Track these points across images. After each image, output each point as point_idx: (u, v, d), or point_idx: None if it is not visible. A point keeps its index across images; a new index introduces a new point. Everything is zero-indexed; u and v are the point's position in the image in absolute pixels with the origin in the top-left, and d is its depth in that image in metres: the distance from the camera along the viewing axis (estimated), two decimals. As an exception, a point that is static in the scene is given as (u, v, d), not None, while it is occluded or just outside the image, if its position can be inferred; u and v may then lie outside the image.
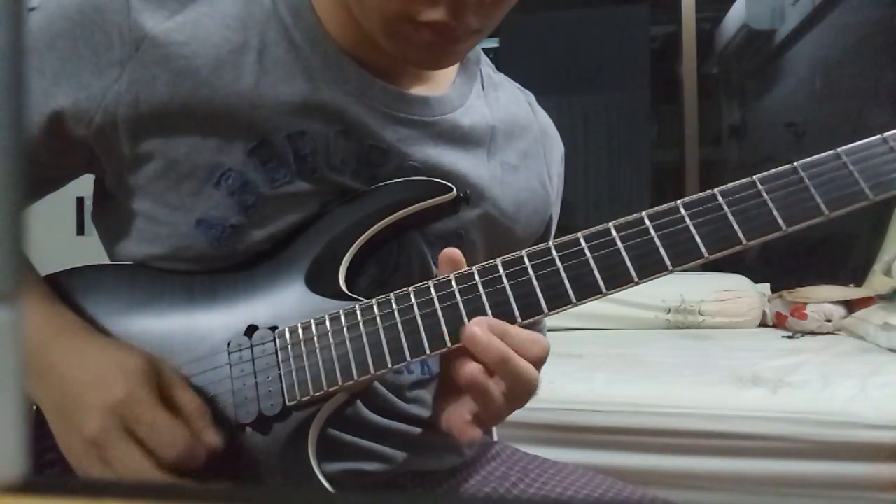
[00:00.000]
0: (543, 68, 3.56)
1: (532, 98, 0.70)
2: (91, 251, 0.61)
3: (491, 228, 0.60)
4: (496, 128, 0.62)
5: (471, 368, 0.45)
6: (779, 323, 2.18)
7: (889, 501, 1.24)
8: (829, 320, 2.03)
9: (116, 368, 0.47)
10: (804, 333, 2.03)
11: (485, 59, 0.67)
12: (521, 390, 0.46)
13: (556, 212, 0.70)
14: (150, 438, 0.44)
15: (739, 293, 2.21)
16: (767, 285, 2.39)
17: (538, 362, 0.47)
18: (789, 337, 2.01)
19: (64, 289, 0.55)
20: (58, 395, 0.47)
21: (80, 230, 2.24)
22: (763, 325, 2.25)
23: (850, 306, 2.05)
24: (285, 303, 0.52)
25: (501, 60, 3.38)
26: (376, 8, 0.48)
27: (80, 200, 2.21)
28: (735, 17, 3.46)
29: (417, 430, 0.59)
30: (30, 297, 0.52)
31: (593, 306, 2.12)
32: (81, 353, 0.49)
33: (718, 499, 1.33)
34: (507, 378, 0.45)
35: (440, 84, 0.60)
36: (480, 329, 0.44)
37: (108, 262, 0.60)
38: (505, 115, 0.64)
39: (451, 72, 0.62)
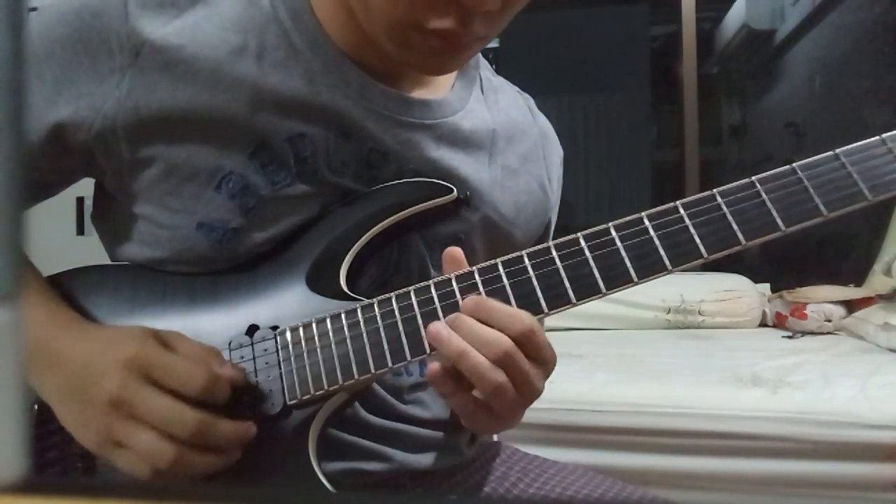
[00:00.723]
0: (543, 68, 3.56)
1: (531, 101, 0.70)
2: (91, 251, 0.61)
3: (491, 232, 0.60)
4: (496, 131, 0.62)
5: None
6: (779, 323, 2.18)
7: (889, 501, 1.24)
8: (829, 320, 2.03)
9: (121, 335, 0.47)
10: (804, 333, 2.03)
11: (484, 63, 0.67)
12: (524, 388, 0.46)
13: (554, 215, 0.70)
14: (171, 377, 0.45)
15: (739, 293, 2.21)
16: (767, 285, 2.39)
17: (524, 340, 0.46)
18: (789, 337, 2.01)
19: (65, 289, 0.55)
20: (66, 377, 0.47)
21: (80, 230, 2.24)
22: (763, 325, 2.25)
23: (850, 306, 2.05)
24: (286, 303, 0.52)
25: (501, 61, 3.38)
26: (383, 14, 0.49)
27: (80, 200, 2.21)
28: (735, 17, 3.46)
29: (417, 429, 0.59)
30: (32, 296, 0.52)
31: (593, 306, 2.12)
32: (85, 335, 0.49)
33: (718, 499, 1.33)
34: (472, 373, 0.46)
35: (440, 88, 0.61)
36: (441, 325, 0.46)
37: (108, 262, 0.60)
38: (505, 118, 0.64)
39: (451, 75, 0.62)
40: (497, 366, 0.45)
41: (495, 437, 0.79)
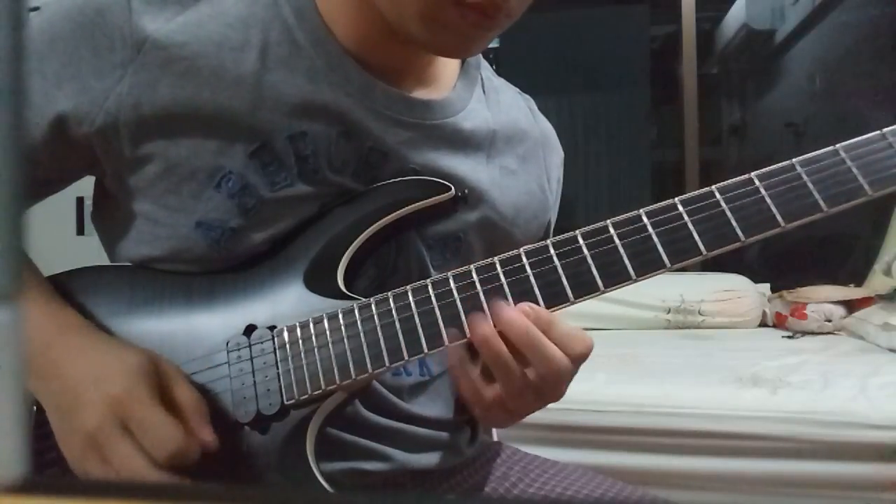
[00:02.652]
0: (543, 68, 3.56)
1: (532, 103, 0.70)
2: (91, 251, 0.61)
3: (489, 232, 0.60)
4: (497, 132, 0.62)
5: (484, 329, 0.46)
6: (779, 323, 2.18)
7: (889, 501, 1.24)
8: (829, 320, 2.03)
9: (116, 365, 0.47)
10: (804, 333, 2.03)
11: (485, 64, 0.67)
12: (550, 378, 0.47)
13: (553, 216, 0.70)
14: (143, 436, 0.45)
15: (739, 293, 2.21)
16: (767, 285, 2.39)
17: (579, 358, 0.48)
18: (789, 337, 2.01)
19: (65, 290, 0.55)
20: (58, 392, 0.47)
21: (80, 230, 2.24)
22: (763, 325, 2.25)
23: (850, 306, 2.05)
24: (284, 302, 0.52)
25: (501, 61, 3.38)
26: None
27: (80, 200, 2.21)
28: (735, 17, 3.46)
29: (417, 429, 0.59)
30: (32, 296, 0.52)
31: (593, 306, 2.13)
32: (83, 351, 0.49)
33: (718, 499, 1.33)
34: (536, 361, 0.46)
35: (442, 88, 0.60)
36: (517, 313, 0.46)
37: (107, 262, 0.60)
38: (505, 119, 0.64)
39: (452, 76, 0.62)
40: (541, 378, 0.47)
41: (495, 437, 0.79)
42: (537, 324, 0.46)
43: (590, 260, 0.46)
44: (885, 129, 0.45)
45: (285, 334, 0.50)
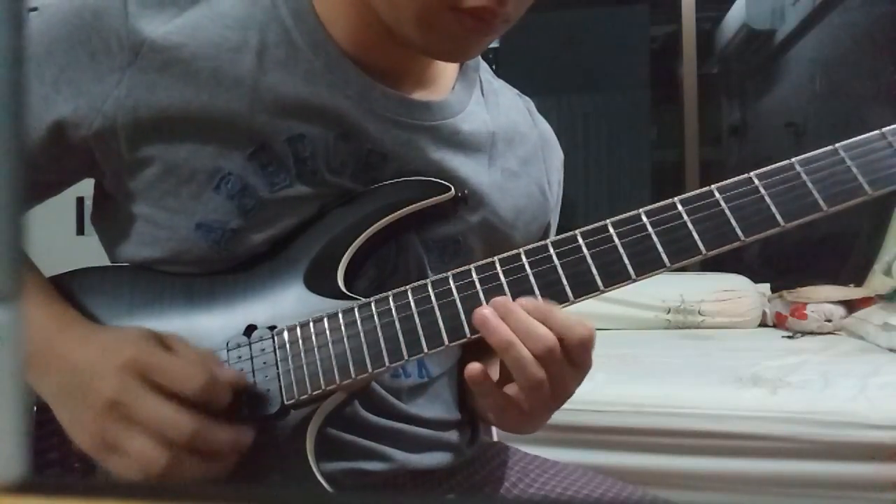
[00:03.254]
0: (543, 68, 3.56)
1: (531, 104, 0.70)
2: (91, 251, 0.61)
3: (489, 234, 0.60)
4: (496, 134, 0.62)
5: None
6: (779, 323, 2.18)
7: (889, 501, 1.24)
8: (829, 320, 2.03)
9: (121, 337, 0.48)
10: (804, 333, 2.03)
11: (484, 66, 0.67)
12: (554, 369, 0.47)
13: (554, 218, 0.70)
14: (169, 380, 0.44)
15: (739, 293, 2.21)
16: (767, 285, 2.39)
17: (582, 344, 0.47)
18: (789, 337, 2.02)
19: (65, 290, 0.55)
20: (66, 377, 0.47)
21: (80, 230, 2.24)
22: (763, 325, 2.25)
23: (850, 306, 2.05)
24: (284, 303, 0.52)
25: (501, 61, 3.38)
26: None
27: (80, 200, 2.21)
28: (735, 17, 3.46)
29: (418, 429, 0.59)
30: (33, 295, 0.52)
31: (593, 306, 2.12)
32: (84, 339, 0.49)
33: (718, 499, 1.33)
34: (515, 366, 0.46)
35: (441, 89, 0.60)
36: (490, 312, 0.45)
37: (107, 262, 0.60)
38: (505, 121, 0.64)
39: (451, 77, 0.62)
40: (539, 362, 0.46)
41: (495, 438, 0.79)
42: (535, 314, 0.46)
43: (589, 260, 0.46)
44: (884, 129, 0.45)
45: (285, 334, 0.50)
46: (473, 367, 0.47)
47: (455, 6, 0.48)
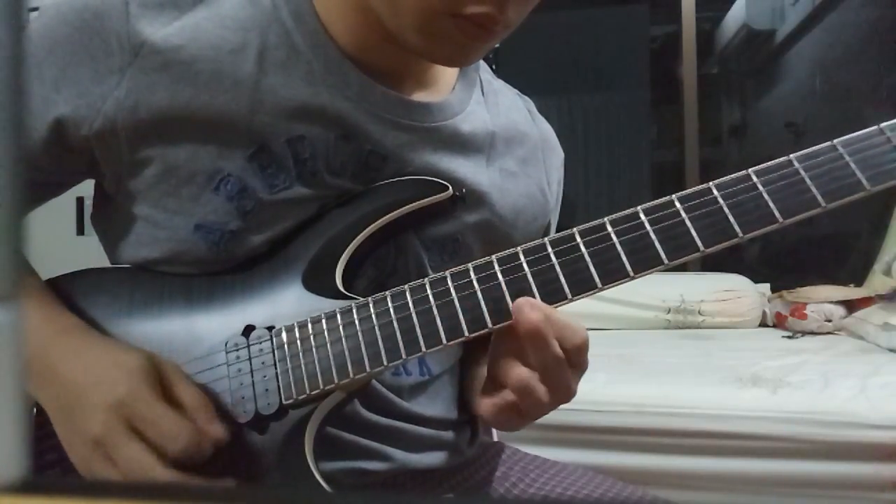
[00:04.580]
0: (543, 68, 3.56)
1: (531, 105, 0.70)
2: (91, 251, 0.61)
3: (488, 234, 0.60)
4: (496, 134, 0.62)
5: (520, 372, 0.47)
6: (779, 323, 2.18)
7: (889, 501, 1.24)
8: (829, 320, 2.03)
9: (117, 368, 0.47)
10: (804, 333, 2.03)
11: (484, 66, 0.67)
12: (562, 386, 0.48)
13: (554, 218, 0.70)
14: (153, 434, 0.45)
15: (739, 293, 2.21)
16: (767, 285, 2.39)
17: (576, 350, 0.47)
18: (789, 337, 2.01)
19: (65, 292, 0.55)
20: (60, 396, 0.47)
21: (80, 230, 2.24)
22: (763, 325, 2.25)
23: (850, 306, 2.05)
24: (282, 303, 0.52)
25: (501, 61, 3.39)
26: (416, 3, 0.48)
27: (80, 200, 2.21)
28: (735, 17, 3.46)
29: (418, 428, 0.59)
30: (29, 299, 0.52)
31: (593, 306, 2.13)
32: (81, 354, 0.49)
33: (718, 499, 1.33)
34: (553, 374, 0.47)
35: (441, 90, 0.60)
36: (537, 316, 0.45)
37: (107, 263, 0.60)
38: (505, 121, 0.64)
39: (451, 78, 0.62)
40: (541, 378, 0.47)
41: (496, 438, 0.79)
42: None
43: (587, 258, 0.46)
44: (882, 124, 0.44)
45: (283, 334, 0.51)
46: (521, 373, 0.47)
47: (456, 13, 0.48)
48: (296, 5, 0.54)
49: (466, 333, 0.47)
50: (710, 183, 0.46)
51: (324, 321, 0.50)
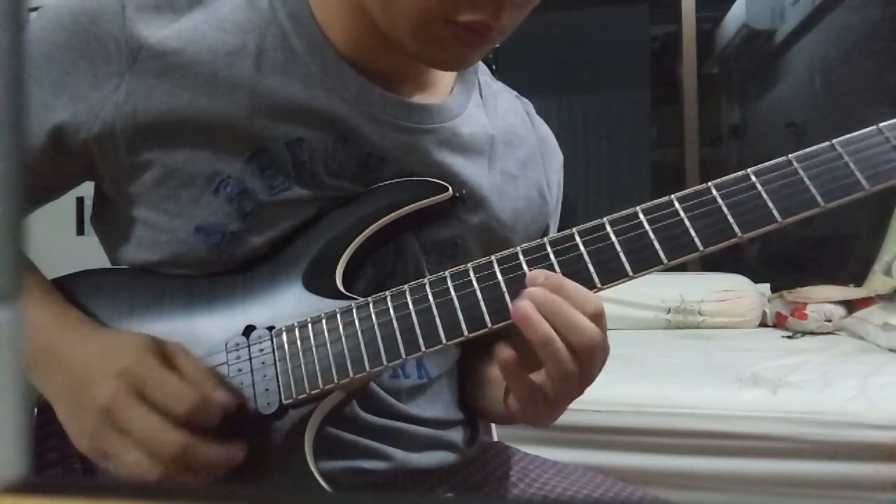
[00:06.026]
0: (543, 68, 3.56)
1: (530, 107, 0.70)
2: (91, 251, 0.61)
3: (488, 237, 0.60)
4: (495, 137, 0.62)
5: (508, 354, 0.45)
6: (779, 323, 2.18)
7: (889, 502, 1.24)
8: (829, 320, 2.03)
9: (122, 343, 0.48)
10: (804, 333, 2.03)
11: (483, 68, 0.67)
12: (583, 346, 0.45)
13: (554, 220, 0.70)
14: (160, 396, 0.45)
15: (739, 293, 2.21)
16: (767, 285, 2.39)
17: (595, 317, 0.45)
18: (789, 337, 2.02)
19: (66, 292, 0.55)
20: (66, 379, 0.47)
21: (80, 230, 2.24)
22: (763, 325, 2.25)
23: (850, 306, 2.05)
24: (283, 303, 0.52)
25: (501, 61, 3.39)
26: (411, 8, 0.48)
27: (80, 200, 2.21)
28: (735, 17, 3.46)
29: (417, 428, 0.59)
30: (35, 296, 0.53)
31: (593, 306, 2.12)
32: (86, 339, 0.49)
33: (718, 499, 1.33)
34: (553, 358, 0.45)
35: (440, 92, 0.60)
36: (531, 307, 0.44)
37: (107, 263, 0.60)
38: (503, 124, 0.64)
39: (450, 80, 0.62)
40: (575, 355, 0.45)
41: (495, 437, 0.79)
42: (577, 299, 0.44)
43: (586, 257, 0.46)
44: (881, 124, 0.44)
45: (284, 334, 0.51)
46: (505, 353, 0.45)
47: (450, 19, 0.48)
48: (293, 8, 0.54)
49: (466, 333, 0.47)
50: (710, 183, 0.46)
51: (324, 321, 0.50)
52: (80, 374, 0.46)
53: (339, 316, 0.50)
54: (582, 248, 0.47)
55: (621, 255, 0.46)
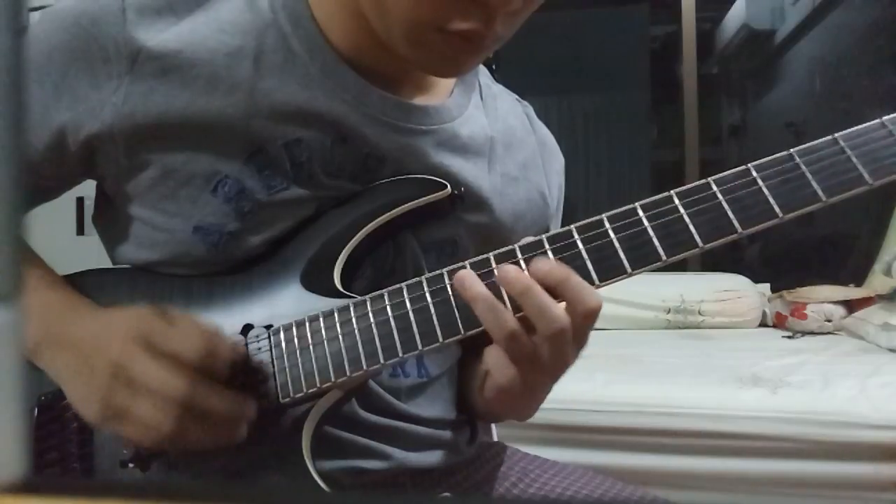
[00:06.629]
0: (543, 69, 3.56)
1: (530, 109, 0.70)
2: (91, 251, 0.62)
3: (487, 238, 0.60)
4: (495, 138, 0.62)
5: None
6: (779, 323, 2.18)
7: (889, 501, 1.24)
8: (829, 320, 2.03)
9: (126, 312, 0.48)
10: (804, 333, 2.03)
11: (483, 70, 0.67)
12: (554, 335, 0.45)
13: (555, 223, 0.70)
14: (169, 345, 0.45)
15: (739, 293, 2.21)
16: (767, 285, 2.39)
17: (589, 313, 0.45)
18: (789, 337, 2.01)
19: None
20: (75, 351, 0.48)
21: (80, 230, 2.24)
22: (763, 325, 2.25)
23: (850, 306, 2.05)
24: (281, 302, 0.52)
25: (501, 61, 3.39)
26: (402, 17, 0.48)
27: (80, 200, 2.21)
28: (735, 17, 3.46)
29: (417, 427, 0.59)
30: (43, 283, 0.54)
31: (593, 306, 2.12)
32: (94, 315, 0.51)
33: (718, 499, 1.33)
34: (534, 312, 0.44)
35: (440, 94, 0.60)
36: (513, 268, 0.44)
37: (108, 262, 0.60)
38: (503, 126, 0.64)
39: (450, 82, 0.62)
40: (547, 341, 0.45)
41: (495, 437, 0.79)
42: (548, 279, 0.44)
43: (585, 254, 0.46)
44: (884, 118, 0.44)
45: (281, 333, 0.51)
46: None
47: (442, 28, 0.48)
48: (293, 10, 0.54)
49: (463, 332, 0.47)
50: (710, 178, 0.46)
51: (321, 320, 0.50)
52: (88, 344, 0.47)
53: (336, 314, 0.50)
54: (580, 244, 0.46)
55: (620, 251, 0.45)
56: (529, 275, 0.44)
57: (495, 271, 0.45)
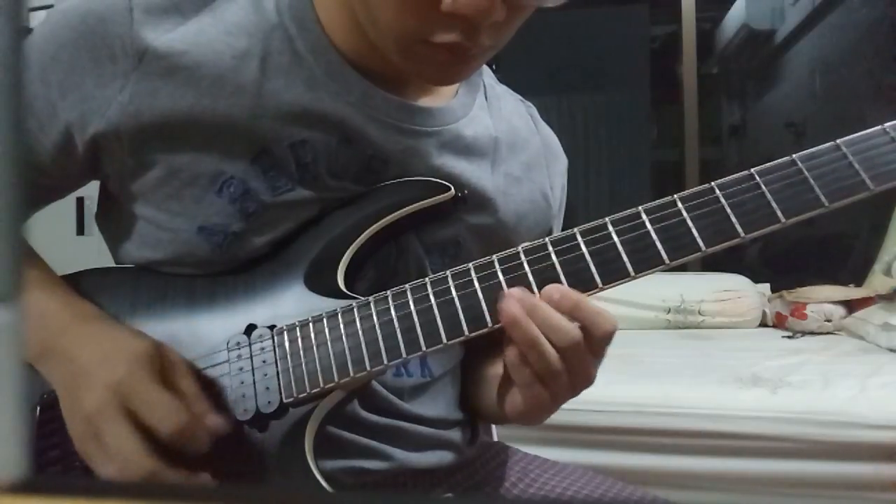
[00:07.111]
0: (543, 68, 3.56)
1: (534, 110, 0.70)
2: (91, 251, 0.62)
3: (490, 238, 0.60)
4: (499, 139, 0.62)
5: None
6: (779, 323, 2.18)
7: (889, 501, 1.24)
8: (829, 320, 2.03)
9: (122, 350, 0.48)
10: (804, 333, 2.03)
11: (487, 71, 0.67)
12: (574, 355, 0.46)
13: (557, 224, 0.70)
14: (146, 413, 0.45)
15: (739, 293, 2.21)
16: (767, 285, 2.39)
17: (604, 337, 0.47)
18: (789, 337, 2.02)
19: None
20: (68, 375, 0.48)
21: (80, 230, 2.24)
22: (763, 325, 2.25)
23: (850, 306, 2.05)
24: (284, 302, 0.52)
25: (501, 61, 3.39)
26: (390, 29, 0.49)
27: (80, 200, 2.21)
28: (735, 17, 3.46)
29: (418, 427, 0.59)
30: (46, 287, 0.53)
31: (593, 306, 2.12)
32: (93, 337, 0.50)
33: (718, 499, 1.33)
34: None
35: (444, 95, 0.61)
36: (519, 310, 0.45)
37: (109, 261, 0.60)
38: (507, 126, 0.64)
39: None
40: (562, 355, 0.46)
41: (496, 437, 0.79)
42: (562, 302, 0.45)
43: (588, 257, 0.46)
44: (886, 124, 0.44)
45: (284, 333, 0.51)
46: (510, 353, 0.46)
47: (426, 40, 0.48)
48: (299, 12, 0.54)
49: (466, 332, 0.47)
50: (713, 182, 0.46)
51: (325, 320, 0.50)
52: (78, 378, 0.47)
53: (340, 315, 0.50)
54: (584, 247, 0.47)
55: (623, 255, 0.46)
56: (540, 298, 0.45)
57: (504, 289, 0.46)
